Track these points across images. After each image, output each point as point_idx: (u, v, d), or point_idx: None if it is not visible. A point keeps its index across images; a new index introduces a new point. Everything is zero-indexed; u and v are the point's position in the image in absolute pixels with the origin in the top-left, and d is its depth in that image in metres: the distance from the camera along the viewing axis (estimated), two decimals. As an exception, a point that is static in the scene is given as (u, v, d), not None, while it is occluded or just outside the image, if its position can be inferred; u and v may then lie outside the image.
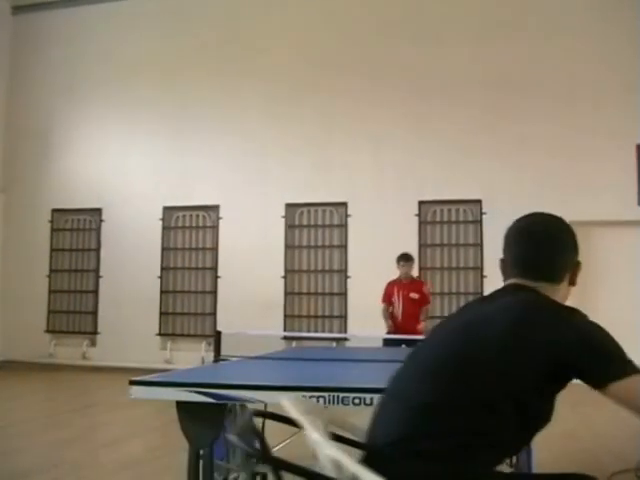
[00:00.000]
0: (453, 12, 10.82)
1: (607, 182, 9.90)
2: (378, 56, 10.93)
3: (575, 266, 2.06)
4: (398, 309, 8.21)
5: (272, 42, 11.38)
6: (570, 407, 7.31)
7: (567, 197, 9.93)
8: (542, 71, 10.32)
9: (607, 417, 6.99)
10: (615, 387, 1.66)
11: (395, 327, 8.08)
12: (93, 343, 11.77)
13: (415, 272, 9.03)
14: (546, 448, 4.45)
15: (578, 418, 6.88)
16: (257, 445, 1.51)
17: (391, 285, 8.39)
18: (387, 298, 8.33)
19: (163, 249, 11.61)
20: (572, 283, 2.06)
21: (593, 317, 1.77)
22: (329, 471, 1.48)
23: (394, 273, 8.42)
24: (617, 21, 10.14)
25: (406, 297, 8.21)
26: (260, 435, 1.56)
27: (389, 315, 8.27)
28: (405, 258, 8.38)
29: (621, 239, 9.99)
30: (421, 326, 8.04)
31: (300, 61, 11.24)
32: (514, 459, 3.98)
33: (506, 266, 2.15)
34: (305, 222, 11.12)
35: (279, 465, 1.44)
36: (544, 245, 2.05)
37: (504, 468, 3.93)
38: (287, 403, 1.74)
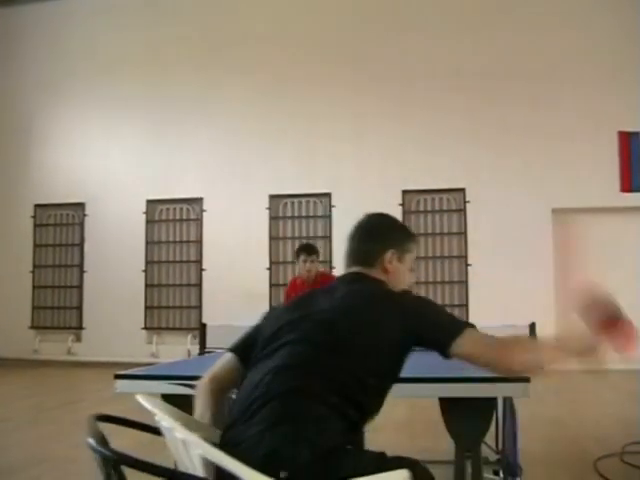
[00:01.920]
0: (433, 0, 10.83)
1: (590, 169, 9.96)
2: (360, 45, 10.91)
3: (401, 253, 2.24)
4: None
5: (253, 34, 11.31)
6: (554, 393, 7.38)
7: (550, 185, 10.02)
8: (525, 58, 10.35)
9: (591, 403, 7.07)
10: (456, 344, 1.84)
11: None
12: (78, 338, 11.71)
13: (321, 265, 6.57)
14: (531, 434, 4.48)
15: (562, 404, 6.94)
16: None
17: (295, 285, 6.22)
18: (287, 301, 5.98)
19: (147, 243, 11.56)
20: (406, 268, 2.26)
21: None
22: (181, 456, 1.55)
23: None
24: (601, 6, 10.17)
25: None
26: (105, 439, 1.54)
27: None
28: (307, 250, 6.03)
29: (603, 226, 10.05)
30: None
31: (283, 52, 11.18)
32: (500, 445, 4.01)
33: (346, 258, 2.39)
34: (289, 213, 11.11)
35: (138, 467, 1.43)
36: (362, 238, 2.33)
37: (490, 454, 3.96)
38: (142, 398, 1.77)
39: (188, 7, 11.69)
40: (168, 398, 2.73)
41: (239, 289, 10.56)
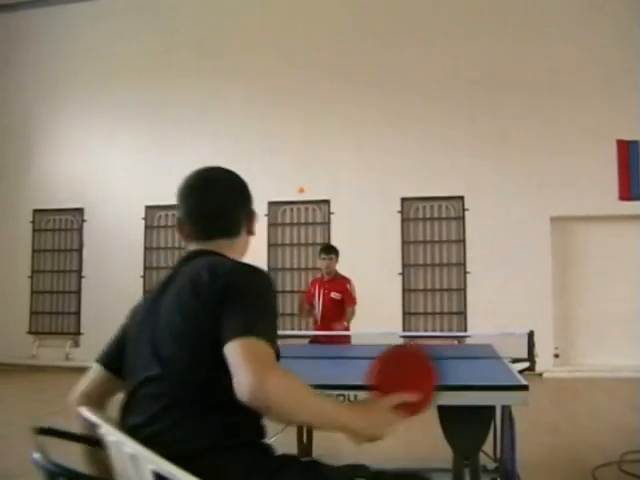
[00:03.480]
0: (433, 10, 10.85)
1: (588, 177, 9.97)
2: (360, 54, 10.93)
3: (250, 215, 1.98)
4: (317, 311, 6.85)
5: (252, 43, 11.33)
6: (553, 401, 7.38)
7: (549, 193, 10.02)
8: (523, 67, 10.38)
9: (589, 411, 7.06)
10: (228, 347, 1.48)
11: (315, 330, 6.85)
12: (76, 344, 11.69)
13: (342, 268, 7.02)
14: (529, 442, 4.47)
15: (560, 412, 6.93)
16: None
17: (314, 283, 7.17)
18: (308, 298, 7.04)
19: (146, 248, 11.55)
20: (250, 232, 1.98)
21: (576, 311, 1.78)
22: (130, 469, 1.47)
23: (377, 271, 8.34)
24: (597, 17, 10.22)
25: (326, 297, 6.79)
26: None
27: (310, 315, 7.10)
28: (326, 250, 6.99)
29: (602, 234, 10.06)
30: (342, 327, 6.61)
31: (282, 61, 11.19)
32: (498, 453, 3.99)
33: (183, 229, 1.95)
34: (288, 220, 11.11)
35: None
36: (209, 200, 1.93)
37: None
38: (86, 410, 1.70)
39: (189, 15, 11.70)
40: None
41: (237, 295, 10.52)
